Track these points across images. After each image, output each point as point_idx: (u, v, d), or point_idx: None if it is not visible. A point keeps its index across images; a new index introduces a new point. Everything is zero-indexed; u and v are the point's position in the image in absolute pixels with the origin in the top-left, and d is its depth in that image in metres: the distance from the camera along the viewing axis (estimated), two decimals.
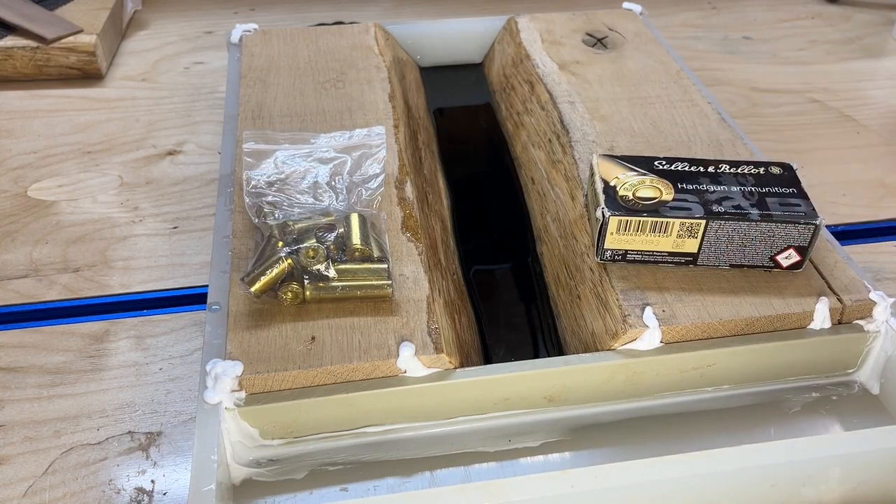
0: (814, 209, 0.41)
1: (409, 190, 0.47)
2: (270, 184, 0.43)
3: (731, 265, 0.42)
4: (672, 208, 0.41)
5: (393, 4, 0.87)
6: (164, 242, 0.54)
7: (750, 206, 0.41)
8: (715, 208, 0.41)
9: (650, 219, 0.41)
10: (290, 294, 0.39)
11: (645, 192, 0.42)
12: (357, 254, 0.40)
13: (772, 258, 0.41)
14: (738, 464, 0.34)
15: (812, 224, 0.40)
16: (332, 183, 0.44)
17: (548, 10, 0.78)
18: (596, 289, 0.42)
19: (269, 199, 0.43)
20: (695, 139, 0.52)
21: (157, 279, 0.51)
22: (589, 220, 0.44)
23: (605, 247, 0.42)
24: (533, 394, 0.39)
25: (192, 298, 0.50)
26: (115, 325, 0.48)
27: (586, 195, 0.46)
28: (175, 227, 0.55)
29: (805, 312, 0.40)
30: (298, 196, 0.43)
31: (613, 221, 0.41)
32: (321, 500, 0.36)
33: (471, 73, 0.67)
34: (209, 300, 0.41)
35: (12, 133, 0.64)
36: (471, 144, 0.61)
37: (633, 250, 0.42)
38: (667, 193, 0.42)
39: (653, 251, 0.42)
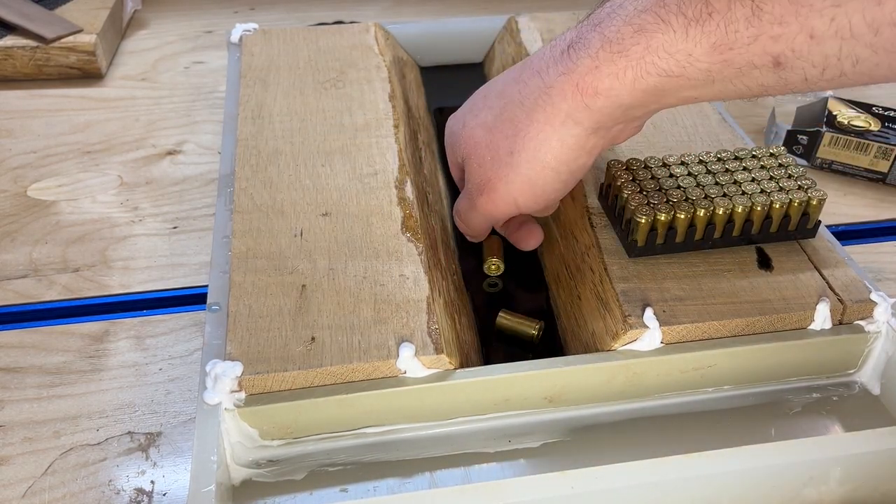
0: None
1: (409, 190, 0.46)
2: None
3: None
4: (874, 136, 0.57)
5: (393, 4, 0.87)
6: (163, 242, 0.54)
7: None
8: None
9: (855, 139, 0.57)
10: None
11: (857, 123, 0.58)
12: None
13: None
14: (739, 464, 0.34)
15: None
16: None
17: (548, 9, 0.77)
18: (596, 289, 0.42)
19: None
20: (695, 139, 0.52)
21: (157, 279, 0.51)
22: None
23: (817, 155, 0.59)
24: (533, 394, 0.39)
25: (192, 298, 0.50)
26: (114, 325, 0.48)
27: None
28: (175, 227, 0.55)
29: (806, 313, 0.40)
30: None
31: (827, 136, 0.58)
32: (321, 500, 0.36)
33: (471, 73, 0.67)
34: (209, 300, 0.41)
35: (12, 133, 0.64)
36: None
37: (838, 162, 0.58)
38: (874, 126, 0.58)
39: (854, 165, 0.58)
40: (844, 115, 0.60)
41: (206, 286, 0.42)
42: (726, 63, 0.32)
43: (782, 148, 0.46)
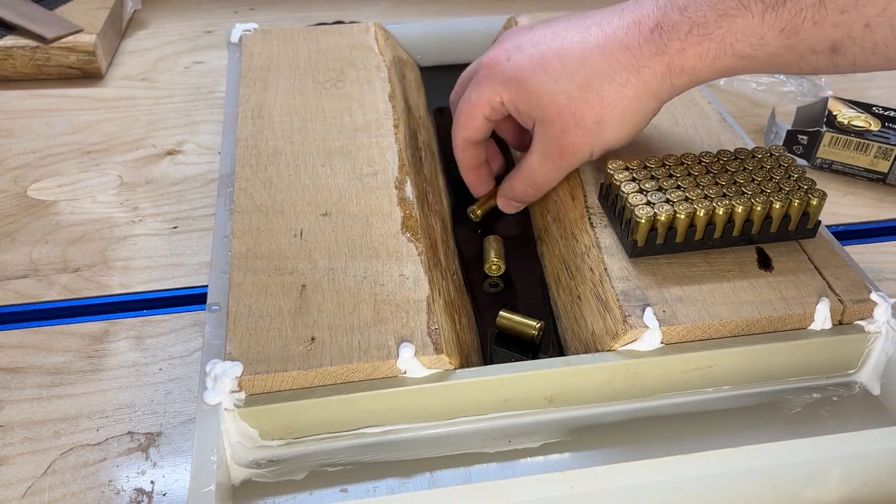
0: None
1: (409, 190, 0.47)
2: None
3: None
4: (874, 136, 0.57)
5: (393, 4, 0.87)
6: (163, 242, 0.54)
7: None
8: None
9: (855, 139, 0.57)
10: None
11: (857, 123, 0.58)
12: None
13: None
14: (739, 464, 0.34)
15: None
16: None
17: (548, 9, 0.77)
18: (596, 289, 0.42)
19: None
20: (695, 139, 0.52)
21: (157, 279, 0.51)
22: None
23: (817, 155, 0.59)
24: (533, 394, 0.39)
25: (192, 298, 0.50)
26: (114, 325, 0.48)
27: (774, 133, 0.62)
28: (175, 227, 0.55)
29: (806, 313, 0.40)
30: None
31: (827, 136, 0.58)
32: (321, 500, 0.36)
33: None
34: (209, 300, 0.41)
35: (12, 133, 0.64)
36: None
37: (838, 162, 0.59)
38: (874, 126, 0.58)
39: (853, 165, 0.58)
40: (844, 115, 0.60)
41: (206, 286, 0.42)
42: (790, 48, 0.37)
43: (782, 148, 0.46)
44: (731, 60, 0.39)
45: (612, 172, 0.44)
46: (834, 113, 0.60)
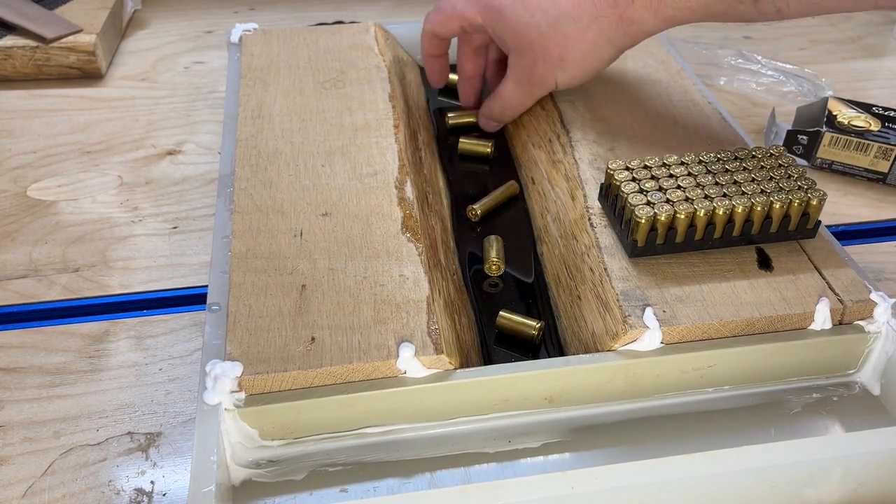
0: None
1: (409, 190, 0.47)
2: None
3: None
4: (874, 136, 0.57)
5: (393, 4, 0.87)
6: (163, 242, 0.54)
7: None
8: None
9: (855, 139, 0.57)
10: None
11: (857, 123, 0.58)
12: None
13: None
14: (739, 465, 0.34)
15: None
16: None
17: None
18: (596, 289, 0.42)
19: None
20: (695, 139, 0.52)
21: (157, 279, 0.51)
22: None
23: (817, 155, 0.59)
24: (533, 394, 0.39)
25: (192, 298, 0.50)
26: (114, 325, 0.48)
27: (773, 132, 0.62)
28: (175, 227, 0.55)
29: (806, 313, 0.40)
30: None
31: (827, 136, 0.58)
32: (321, 500, 0.36)
33: None
34: (209, 300, 0.41)
35: (12, 133, 0.64)
36: None
37: (838, 162, 0.59)
38: (874, 126, 0.58)
39: (853, 165, 0.58)
40: (844, 115, 0.60)
41: (206, 286, 0.42)
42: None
43: (782, 148, 0.46)
44: (671, 11, 0.45)
45: (612, 172, 0.44)
46: (834, 113, 0.60)
